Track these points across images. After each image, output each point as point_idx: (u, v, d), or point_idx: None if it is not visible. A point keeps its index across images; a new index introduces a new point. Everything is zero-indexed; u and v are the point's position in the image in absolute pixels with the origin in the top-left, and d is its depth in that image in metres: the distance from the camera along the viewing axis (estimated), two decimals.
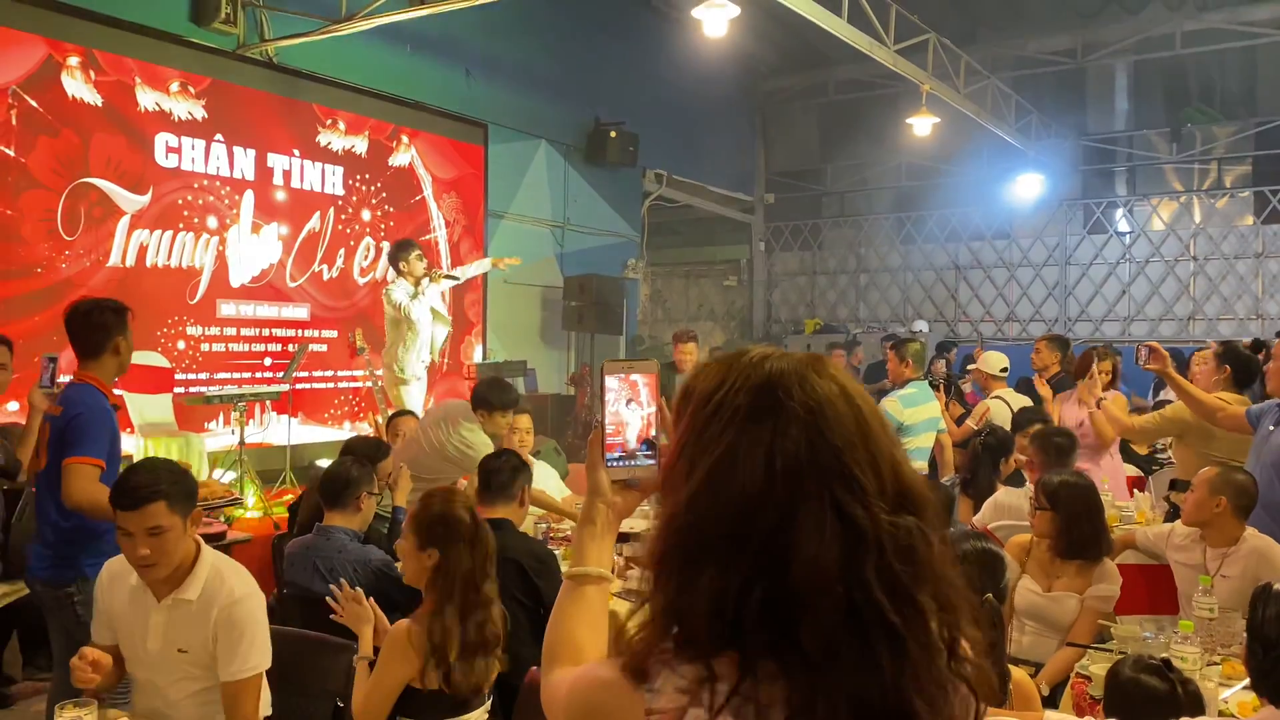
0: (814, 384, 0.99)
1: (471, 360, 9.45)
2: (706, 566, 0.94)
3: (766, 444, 0.95)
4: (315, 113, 8.17)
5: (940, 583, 0.95)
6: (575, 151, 10.93)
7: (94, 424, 3.34)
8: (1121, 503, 5.29)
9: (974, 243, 13.64)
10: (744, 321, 15.44)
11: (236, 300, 7.60)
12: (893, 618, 0.91)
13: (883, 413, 1.03)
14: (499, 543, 3.52)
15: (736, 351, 1.05)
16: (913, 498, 0.97)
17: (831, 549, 0.91)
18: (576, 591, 1.27)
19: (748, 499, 0.94)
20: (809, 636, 0.90)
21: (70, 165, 6.51)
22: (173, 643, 2.70)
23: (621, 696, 0.98)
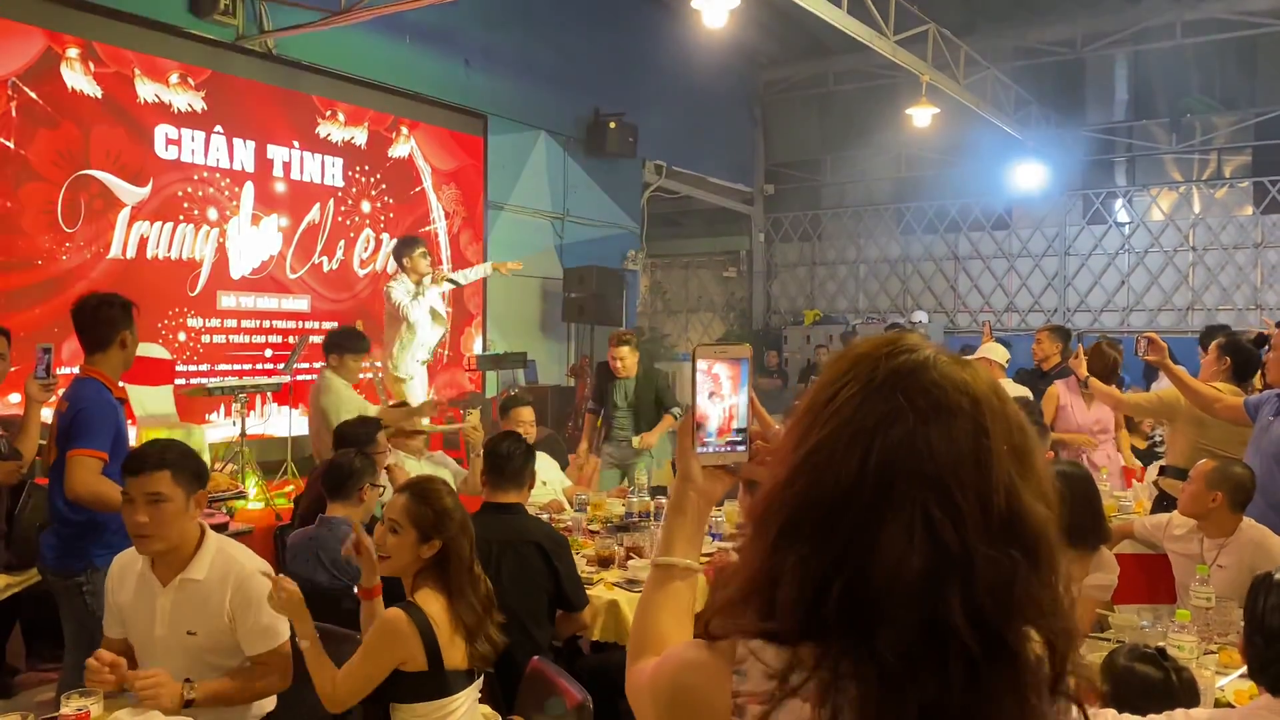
0: (942, 390, 0.94)
1: (471, 352, 9.46)
2: (798, 544, 0.93)
3: (867, 439, 0.93)
4: (315, 104, 8.17)
5: (1045, 618, 0.92)
6: (575, 143, 10.92)
7: (97, 417, 3.38)
8: (1119, 492, 5.32)
9: (973, 233, 13.65)
10: (743, 313, 15.46)
11: (237, 292, 7.61)
12: (973, 647, 0.88)
13: (1026, 429, 0.97)
14: (517, 526, 3.60)
15: (889, 336, 1.02)
16: (1024, 530, 0.92)
17: (913, 563, 0.89)
18: (665, 585, 1.24)
19: (841, 489, 0.92)
20: (885, 644, 0.89)
21: (70, 157, 6.51)
22: (180, 626, 2.74)
23: (710, 677, 0.98)
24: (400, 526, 2.65)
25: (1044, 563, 0.93)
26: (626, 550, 4.27)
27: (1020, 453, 0.95)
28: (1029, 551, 0.92)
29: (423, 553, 2.64)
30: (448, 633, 2.55)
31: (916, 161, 13.79)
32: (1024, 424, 0.98)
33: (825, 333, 13.89)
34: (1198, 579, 3.24)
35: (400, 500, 2.69)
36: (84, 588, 3.36)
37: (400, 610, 2.55)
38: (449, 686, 2.54)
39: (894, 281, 14.35)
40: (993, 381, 0.99)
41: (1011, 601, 0.90)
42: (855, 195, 14.82)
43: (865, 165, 14.47)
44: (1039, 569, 0.92)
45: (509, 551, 3.47)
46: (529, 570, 3.48)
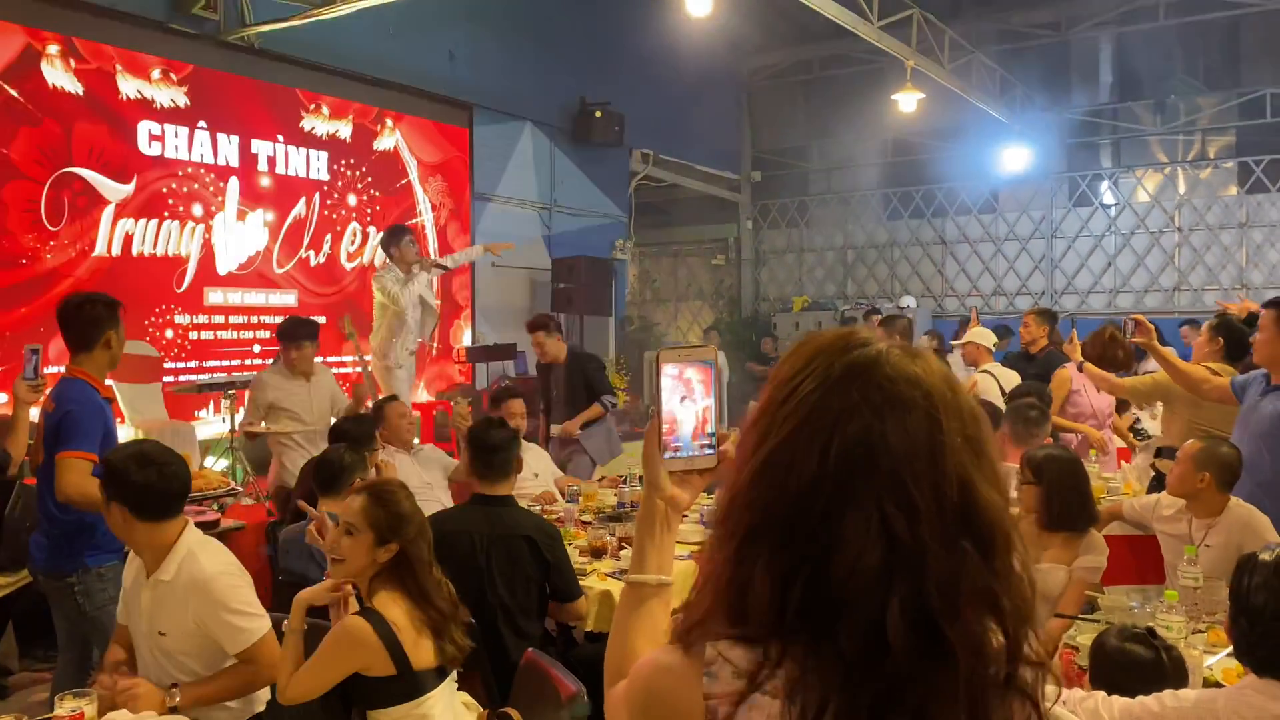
0: (895, 384, 0.95)
1: (461, 344, 9.45)
2: (762, 545, 0.94)
3: (825, 436, 0.93)
4: (298, 98, 8.13)
5: (997, 611, 0.93)
6: (561, 132, 10.89)
7: (86, 418, 3.37)
8: (1108, 474, 5.35)
9: (960, 217, 13.67)
10: (732, 300, 15.46)
11: (224, 288, 7.58)
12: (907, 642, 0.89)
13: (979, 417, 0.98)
14: (506, 519, 3.58)
15: (842, 331, 1.02)
16: (979, 524, 0.93)
17: (871, 557, 0.90)
18: (638, 602, 1.22)
19: (802, 487, 0.93)
20: (845, 639, 0.90)
21: (53, 155, 6.46)
22: (155, 624, 2.75)
23: (681, 680, 0.98)
24: (356, 529, 2.60)
25: (998, 552, 0.94)
26: (619, 540, 4.28)
27: (974, 442, 0.96)
28: (982, 541, 0.93)
29: (379, 556, 2.60)
30: (412, 635, 2.53)
31: (903, 146, 13.79)
32: (976, 413, 0.99)
33: (814, 319, 13.90)
34: (1186, 559, 3.27)
35: (357, 502, 2.63)
36: (75, 588, 3.36)
37: (361, 619, 2.51)
38: (421, 687, 2.53)
39: (881, 267, 14.36)
40: (945, 373, 1.00)
41: (959, 595, 0.91)
42: (842, 181, 14.81)
43: (852, 151, 14.45)
44: (992, 558, 0.93)
45: (498, 545, 3.47)
46: (519, 564, 3.48)
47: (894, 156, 14.10)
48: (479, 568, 3.43)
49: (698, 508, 4.76)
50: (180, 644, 2.77)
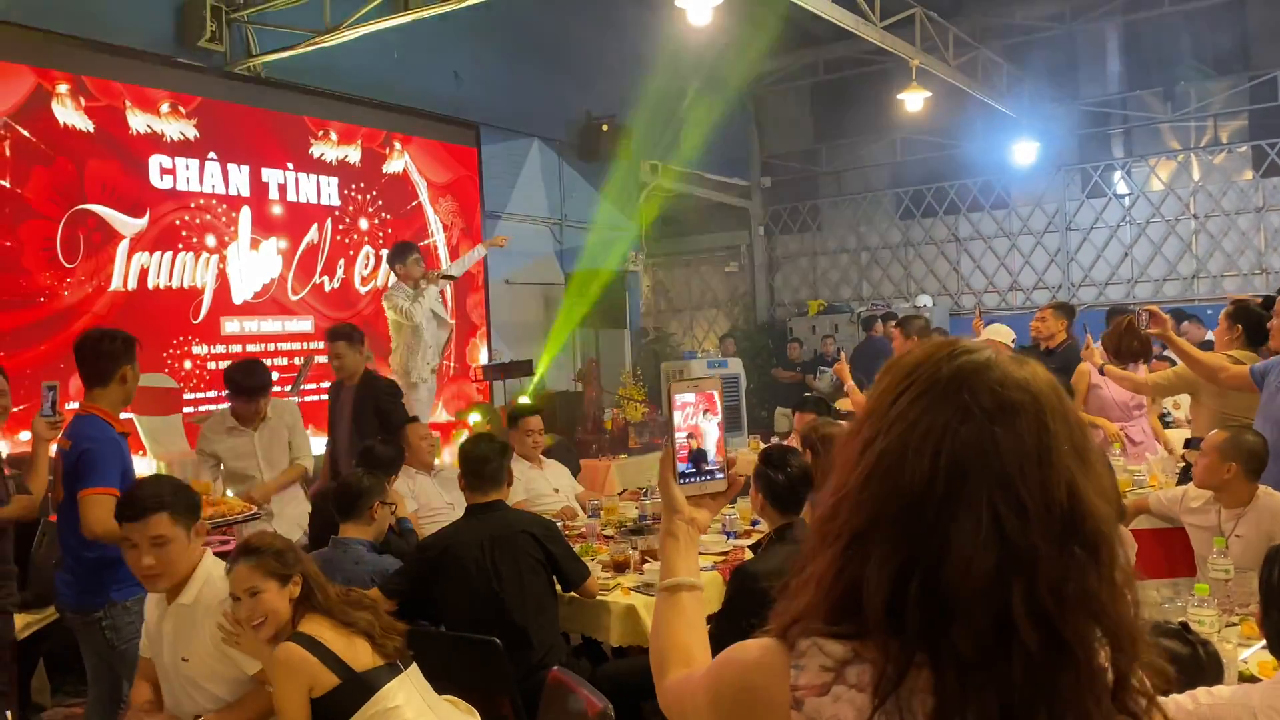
0: (1006, 389, 0.97)
1: (478, 362, 9.46)
2: (873, 546, 0.96)
3: (937, 438, 0.95)
4: (306, 125, 8.18)
5: (1105, 619, 0.93)
6: (568, 147, 10.92)
7: (104, 455, 3.41)
8: (1134, 467, 5.29)
9: (973, 214, 13.59)
10: (748, 306, 15.43)
11: (240, 317, 7.63)
12: (1031, 644, 0.90)
13: (1084, 427, 1.00)
14: (503, 520, 3.66)
15: (946, 340, 1.05)
16: (1086, 528, 0.94)
17: (986, 558, 0.91)
18: (674, 601, 1.31)
19: (914, 489, 0.95)
20: (961, 637, 0.91)
21: (66, 193, 6.53)
22: (178, 652, 2.78)
23: (771, 675, 1.00)
24: (259, 588, 2.64)
25: (1104, 559, 0.95)
26: (641, 554, 4.26)
27: (1080, 450, 0.98)
28: (1090, 548, 0.94)
29: (292, 593, 2.67)
30: (343, 642, 2.60)
31: (912, 145, 13.75)
32: (1082, 423, 1.01)
33: (831, 322, 13.85)
34: (1216, 551, 3.22)
35: (242, 568, 2.67)
36: (103, 623, 3.37)
37: (287, 643, 2.59)
38: (371, 686, 2.58)
39: (896, 267, 14.30)
40: (1052, 380, 1.02)
41: (1070, 598, 0.92)
42: (853, 183, 14.78)
43: (861, 152, 14.43)
44: (1099, 565, 0.94)
45: (501, 545, 3.55)
46: (524, 558, 3.56)
47: (904, 156, 14.06)
48: (486, 571, 3.51)
49: (720, 517, 4.75)
50: (203, 668, 2.80)
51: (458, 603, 3.59)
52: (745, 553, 4.14)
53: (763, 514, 3.56)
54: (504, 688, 3.33)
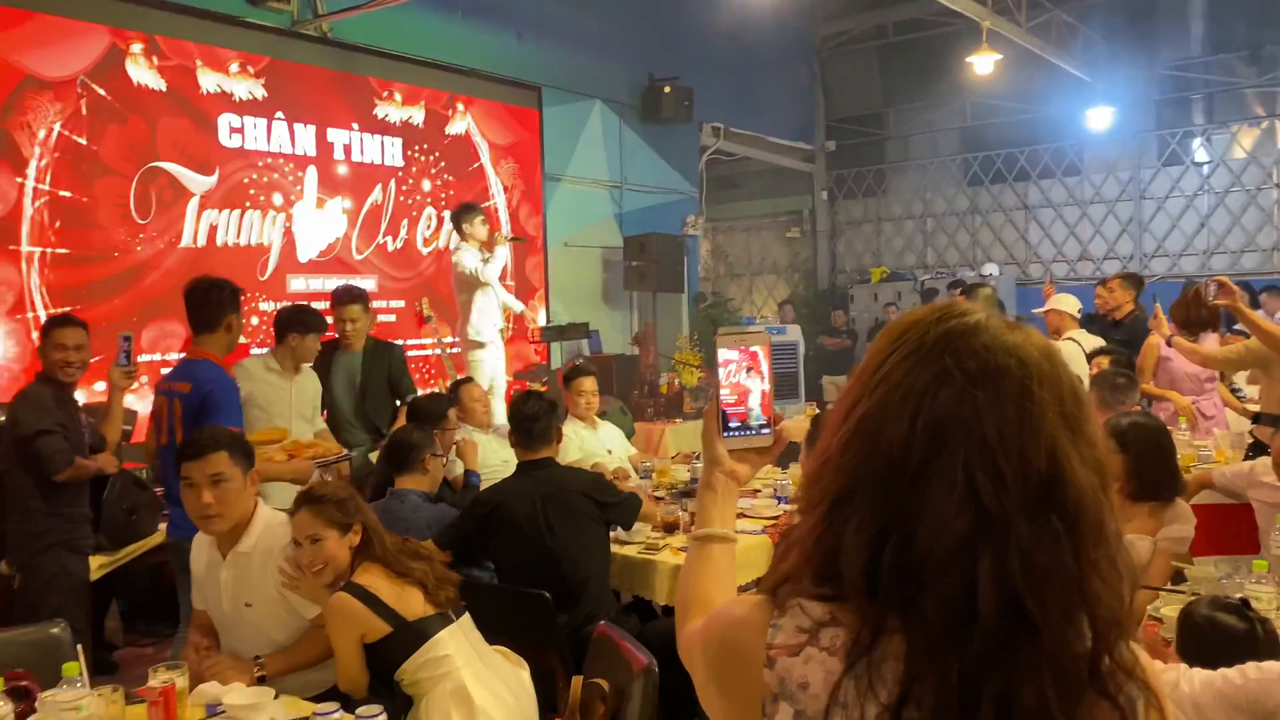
0: (991, 353, 0.94)
1: (535, 325, 9.53)
2: (852, 510, 0.95)
3: (916, 401, 0.93)
4: (371, 85, 8.26)
5: (1079, 594, 0.90)
6: (630, 110, 10.87)
7: (226, 396, 3.62)
8: (1199, 442, 5.17)
9: (1044, 181, 13.26)
10: (808, 273, 15.29)
11: (306, 275, 7.77)
12: (989, 612, 0.88)
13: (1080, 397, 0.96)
14: (555, 478, 3.73)
15: (940, 303, 1.04)
16: (1066, 499, 0.91)
17: (958, 524, 0.89)
18: (703, 551, 1.31)
19: (892, 452, 0.94)
20: (930, 604, 0.90)
21: (139, 150, 6.69)
22: (239, 599, 2.88)
23: (749, 632, 1.00)
24: (319, 535, 2.74)
25: (1085, 533, 0.91)
26: (692, 516, 4.28)
27: (1071, 419, 0.94)
28: (1069, 520, 0.91)
29: (352, 542, 2.75)
30: (394, 590, 2.68)
31: (982, 110, 13.43)
32: (1077, 390, 0.97)
33: (893, 290, 13.67)
34: (1278, 528, 3.14)
35: (304, 515, 2.76)
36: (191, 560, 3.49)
37: (340, 593, 2.68)
38: (423, 634, 2.65)
39: (962, 235, 14.04)
40: (1046, 346, 0.98)
41: (1039, 570, 0.89)
42: (920, 148, 14.50)
43: (929, 116, 14.14)
44: (1078, 538, 0.91)
45: (553, 501, 3.62)
46: (576, 514, 3.64)
47: (973, 120, 13.75)
48: (538, 526, 3.57)
49: (771, 482, 4.75)
50: (266, 612, 2.90)
51: (509, 557, 3.66)
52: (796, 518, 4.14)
53: None
54: (553, 641, 3.39)
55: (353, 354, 5.36)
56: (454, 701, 2.61)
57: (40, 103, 6.16)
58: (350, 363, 5.35)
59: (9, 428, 4.02)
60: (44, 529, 3.94)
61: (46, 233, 6.20)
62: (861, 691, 0.91)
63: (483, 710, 2.60)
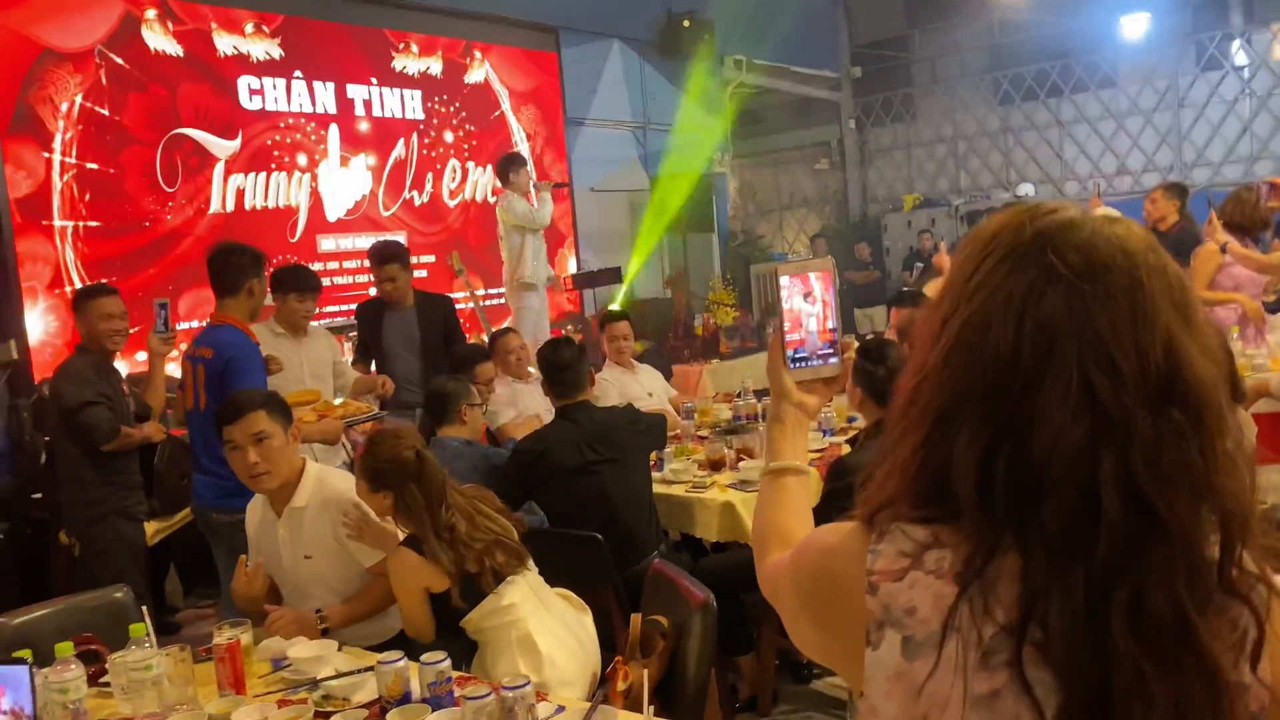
0: (1096, 247, 0.89)
1: (566, 272, 9.49)
2: (959, 425, 0.90)
3: (1020, 302, 0.89)
4: (387, 38, 8.17)
5: (1207, 492, 0.85)
6: (650, 47, 10.67)
7: (250, 361, 3.63)
8: (1252, 350, 5.05)
9: (1077, 95, 12.92)
10: (839, 204, 15.08)
11: (335, 234, 7.77)
12: (1114, 515, 0.84)
13: (1188, 287, 0.91)
14: (598, 416, 3.76)
15: (1032, 203, 0.98)
16: (1187, 392, 0.86)
17: (1076, 429, 0.85)
18: (778, 483, 1.29)
19: (999, 358, 0.89)
20: (1050, 515, 0.85)
21: (161, 118, 6.67)
22: (299, 552, 2.91)
23: (847, 559, 0.97)
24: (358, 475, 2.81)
25: (1208, 425, 0.86)
26: (737, 453, 4.27)
27: (1183, 309, 0.89)
28: (1192, 413, 0.86)
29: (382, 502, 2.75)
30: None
31: (1010, 25, 13.06)
32: (1184, 280, 0.92)
33: (927, 216, 13.45)
34: None
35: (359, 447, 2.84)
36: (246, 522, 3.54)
37: (402, 547, 2.72)
38: (489, 584, 2.66)
39: (995, 156, 13.75)
40: (1148, 237, 0.93)
41: (1166, 468, 0.85)
42: (948, 69, 14.16)
43: (957, 36, 13.78)
44: (1203, 433, 0.86)
45: (599, 441, 3.63)
46: (622, 447, 3.67)
47: (1001, 37, 13.39)
48: (585, 469, 3.59)
49: None
50: (327, 564, 2.94)
51: (559, 502, 3.67)
52: (843, 448, 4.11)
53: (861, 408, 3.51)
54: (607, 580, 3.41)
55: (404, 311, 5.20)
56: (520, 649, 2.61)
57: (60, 75, 6.15)
58: (403, 321, 5.18)
59: (53, 401, 4.07)
60: (97, 498, 4.00)
61: (77, 206, 6.22)
62: (976, 613, 0.87)
63: (549, 658, 2.61)
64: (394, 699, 2.25)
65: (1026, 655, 0.85)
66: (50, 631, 3.05)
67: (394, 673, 2.26)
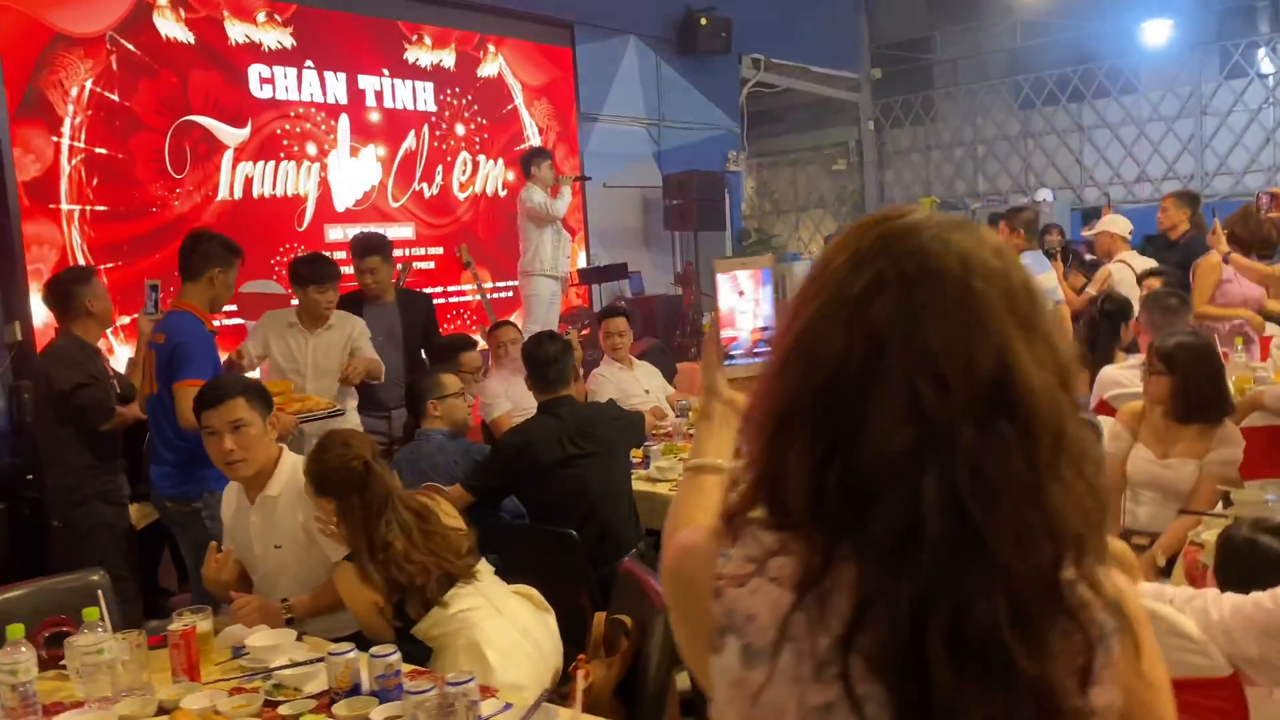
0: (931, 252, 0.87)
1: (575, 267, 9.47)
2: (796, 434, 0.89)
3: (851, 309, 0.88)
4: (400, 29, 8.17)
5: (1035, 506, 0.83)
6: (666, 44, 10.62)
7: (197, 348, 3.58)
8: (1256, 364, 4.97)
9: (1098, 100, 12.79)
10: (856, 205, 14.99)
11: (343, 224, 7.77)
12: (934, 528, 0.81)
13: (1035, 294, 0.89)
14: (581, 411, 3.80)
15: (887, 208, 0.97)
16: (1018, 404, 0.84)
17: (901, 439, 0.83)
18: (695, 481, 1.29)
19: (831, 365, 0.88)
20: (878, 526, 0.84)
21: (171, 105, 6.70)
22: (269, 541, 2.91)
23: (701, 561, 0.96)
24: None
25: (1040, 439, 0.84)
26: None
27: (1023, 317, 0.87)
28: (1021, 425, 0.84)
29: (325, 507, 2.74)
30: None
31: (1032, 29, 12.95)
32: (1030, 287, 0.89)
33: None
34: None
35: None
36: (202, 512, 3.54)
37: (344, 561, 2.70)
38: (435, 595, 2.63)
39: (1015, 160, 13.64)
40: (994, 243, 0.91)
41: (989, 481, 0.82)
42: (969, 71, 14.06)
43: (978, 38, 13.68)
44: (1034, 445, 0.84)
45: (581, 436, 3.66)
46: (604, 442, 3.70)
47: (1023, 40, 13.27)
48: (565, 464, 3.60)
49: None
50: (296, 555, 2.93)
51: (538, 496, 3.66)
52: None
53: None
54: (582, 578, 3.39)
55: (384, 306, 5.13)
56: (466, 656, 2.57)
57: (71, 60, 6.18)
58: (384, 316, 5.08)
59: (43, 385, 4.08)
60: (77, 482, 4.02)
61: (85, 190, 6.25)
62: (812, 623, 0.86)
63: (497, 666, 2.56)
64: (343, 690, 2.25)
65: (860, 669, 0.83)
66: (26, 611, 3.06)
67: (344, 664, 2.26)
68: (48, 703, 2.37)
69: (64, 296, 4.17)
